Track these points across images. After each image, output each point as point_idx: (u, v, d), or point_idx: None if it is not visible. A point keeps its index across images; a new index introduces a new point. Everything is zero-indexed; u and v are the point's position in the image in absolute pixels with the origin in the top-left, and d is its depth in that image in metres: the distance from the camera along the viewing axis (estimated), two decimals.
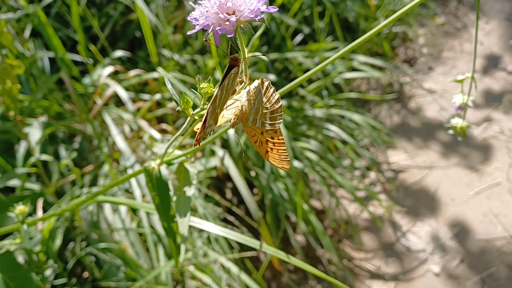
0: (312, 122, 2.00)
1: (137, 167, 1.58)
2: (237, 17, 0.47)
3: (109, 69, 1.80)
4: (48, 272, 1.29)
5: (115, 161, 1.77)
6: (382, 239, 1.94)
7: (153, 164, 0.65)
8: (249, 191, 1.59)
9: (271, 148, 0.55)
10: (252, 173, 1.85)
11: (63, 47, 1.65)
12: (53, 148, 1.66)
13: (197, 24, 0.49)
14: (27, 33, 1.90)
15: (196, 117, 0.52)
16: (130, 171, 1.59)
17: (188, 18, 0.50)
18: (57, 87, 1.83)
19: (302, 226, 1.71)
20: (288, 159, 0.54)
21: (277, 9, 0.50)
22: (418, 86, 2.58)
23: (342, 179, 1.84)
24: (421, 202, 2.05)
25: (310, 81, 2.21)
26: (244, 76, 0.53)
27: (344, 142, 2.11)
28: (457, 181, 2.11)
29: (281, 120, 0.54)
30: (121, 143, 1.62)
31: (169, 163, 0.67)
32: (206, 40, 0.50)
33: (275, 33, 2.18)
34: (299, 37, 2.30)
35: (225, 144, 1.83)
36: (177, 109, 0.50)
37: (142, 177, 1.54)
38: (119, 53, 1.94)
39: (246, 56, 0.50)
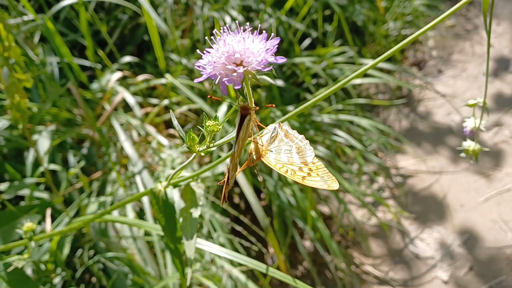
0: (320, 128, 1.99)
1: (145, 173, 1.59)
2: (245, 69, 0.47)
3: (117, 75, 1.80)
4: (56, 280, 1.29)
5: (123, 166, 1.77)
6: (390, 246, 1.93)
7: (160, 187, 0.65)
8: (256, 198, 1.58)
9: (309, 173, 0.54)
10: (260, 179, 1.85)
11: (71, 54, 1.65)
12: (62, 155, 1.67)
13: (204, 73, 0.49)
14: (36, 38, 1.91)
15: (202, 154, 0.52)
16: (138, 177, 1.59)
17: (196, 65, 0.50)
18: (65, 92, 1.83)
19: (309, 232, 1.70)
20: (333, 177, 0.53)
21: (285, 59, 0.49)
22: (427, 90, 2.56)
23: (350, 186, 1.83)
24: (429, 208, 2.04)
25: (318, 86, 2.20)
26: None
27: (352, 147, 2.10)
28: (467, 187, 2.09)
29: (312, 154, 0.53)
30: (129, 149, 1.62)
31: (175, 185, 0.67)
32: (211, 97, 0.50)
33: (283, 38, 2.17)
34: (307, 41, 2.29)
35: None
36: (183, 146, 0.50)
37: (149, 183, 1.55)
38: (127, 58, 1.94)
39: (253, 106, 0.50)
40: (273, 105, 0.50)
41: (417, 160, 2.23)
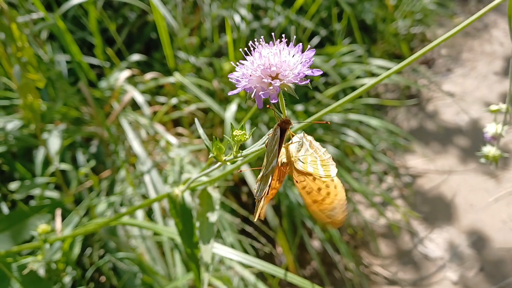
0: (329, 127, 1.98)
1: (154, 172, 1.58)
2: (282, 82, 0.46)
3: (126, 73, 1.79)
4: (67, 280, 1.29)
5: (132, 165, 1.77)
6: (399, 246, 1.92)
7: (177, 191, 0.64)
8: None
9: (324, 198, 0.53)
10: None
11: (80, 52, 1.65)
12: (71, 153, 1.67)
13: (239, 86, 0.47)
14: (44, 35, 1.90)
15: (229, 164, 0.51)
16: (146, 176, 1.59)
17: (229, 77, 0.49)
18: (71, 87, 1.83)
19: (318, 232, 1.70)
20: (345, 210, 0.52)
21: (322, 72, 0.48)
22: (436, 89, 2.54)
23: (359, 185, 1.82)
24: (438, 208, 2.03)
25: (327, 85, 2.19)
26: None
27: (361, 147, 2.09)
28: (476, 187, 2.08)
29: (335, 169, 0.52)
30: (137, 148, 1.62)
31: (192, 189, 0.66)
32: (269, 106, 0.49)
33: (291, 36, 2.16)
34: (315, 40, 2.28)
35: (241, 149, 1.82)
36: (209, 156, 0.49)
37: (158, 182, 1.54)
38: (135, 57, 1.94)
39: (286, 116, 0.50)
40: (329, 123, 0.49)
41: (425, 160, 2.21)
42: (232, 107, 1.71)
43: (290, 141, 0.54)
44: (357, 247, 1.92)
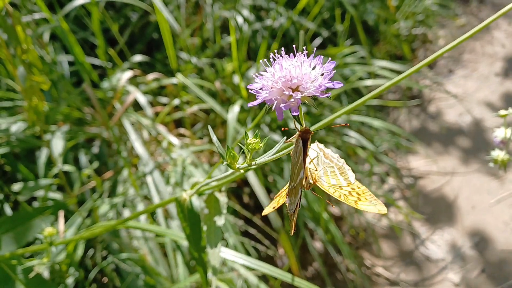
0: (331, 128, 1.98)
1: (156, 173, 1.58)
2: (303, 95, 0.46)
3: (128, 74, 1.79)
4: (70, 281, 1.29)
5: (134, 166, 1.77)
6: (401, 247, 1.92)
7: (185, 195, 0.64)
8: (268, 199, 1.58)
9: (359, 198, 0.53)
10: (270, 179, 1.84)
11: (83, 53, 1.64)
12: (73, 154, 1.67)
13: (259, 97, 0.47)
14: (45, 35, 1.90)
15: (242, 171, 0.51)
16: (148, 177, 1.59)
17: (249, 88, 0.48)
18: (75, 89, 1.83)
19: (320, 233, 1.70)
20: (379, 200, 0.52)
21: (342, 84, 0.48)
22: (438, 89, 2.54)
23: None
24: (440, 209, 2.03)
25: None
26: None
27: (363, 148, 2.09)
28: (478, 188, 2.08)
29: (353, 174, 0.53)
30: (139, 149, 1.61)
31: (200, 193, 0.66)
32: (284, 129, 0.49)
33: (293, 37, 2.16)
34: (317, 41, 2.27)
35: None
36: (223, 163, 0.49)
37: (160, 183, 1.54)
38: (138, 57, 1.93)
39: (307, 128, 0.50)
40: (348, 124, 0.49)
41: (428, 161, 2.21)
42: (235, 109, 1.71)
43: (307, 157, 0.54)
44: (359, 248, 1.92)
